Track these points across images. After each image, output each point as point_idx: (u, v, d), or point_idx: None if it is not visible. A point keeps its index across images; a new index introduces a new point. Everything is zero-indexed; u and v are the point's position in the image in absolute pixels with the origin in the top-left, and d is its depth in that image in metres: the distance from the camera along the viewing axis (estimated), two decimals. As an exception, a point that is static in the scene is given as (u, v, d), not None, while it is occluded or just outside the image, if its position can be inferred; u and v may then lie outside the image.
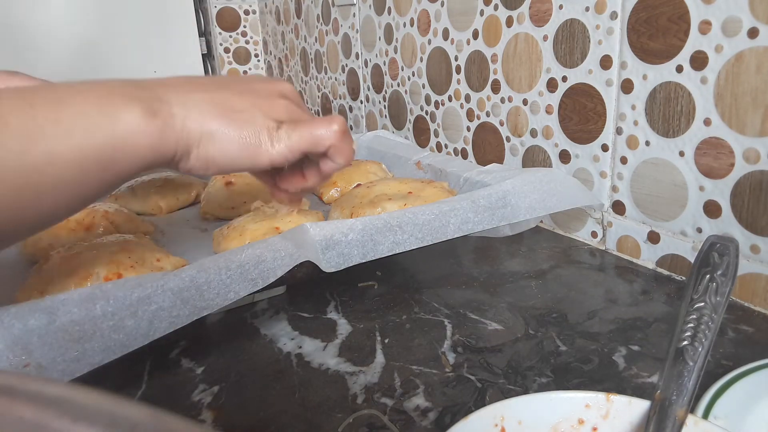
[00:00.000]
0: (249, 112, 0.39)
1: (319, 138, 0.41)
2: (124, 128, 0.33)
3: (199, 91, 0.38)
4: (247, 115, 0.38)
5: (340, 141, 0.41)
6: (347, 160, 0.43)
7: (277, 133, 0.39)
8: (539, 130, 0.66)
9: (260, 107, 0.39)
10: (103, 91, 0.34)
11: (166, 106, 0.36)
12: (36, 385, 0.12)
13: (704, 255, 0.29)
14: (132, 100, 0.34)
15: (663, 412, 0.25)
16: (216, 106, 0.38)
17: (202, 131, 0.37)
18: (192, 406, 0.38)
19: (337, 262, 0.45)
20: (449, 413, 0.36)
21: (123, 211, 0.64)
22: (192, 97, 0.37)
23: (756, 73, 0.43)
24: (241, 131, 0.38)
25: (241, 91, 0.40)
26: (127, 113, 0.33)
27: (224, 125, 0.37)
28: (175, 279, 0.40)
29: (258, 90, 0.41)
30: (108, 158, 0.33)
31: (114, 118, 0.33)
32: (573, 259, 0.58)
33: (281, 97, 0.42)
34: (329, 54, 1.16)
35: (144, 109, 0.34)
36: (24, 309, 0.35)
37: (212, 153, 0.37)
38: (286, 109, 0.41)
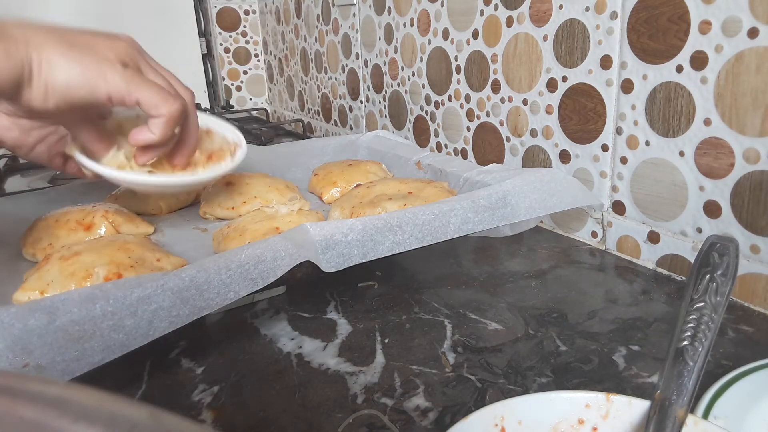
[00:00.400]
0: (92, 46, 0.41)
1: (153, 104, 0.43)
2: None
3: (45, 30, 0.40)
4: (89, 47, 0.40)
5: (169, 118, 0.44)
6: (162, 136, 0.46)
7: (123, 71, 0.41)
8: (539, 130, 0.66)
9: (104, 43, 0.42)
10: None
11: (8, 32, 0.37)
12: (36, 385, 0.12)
13: (704, 255, 0.29)
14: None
15: (663, 412, 0.25)
16: (59, 36, 0.40)
17: (42, 56, 0.38)
18: (192, 406, 0.38)
19: (337, 262, 0.45)
20: (449, 413, 0.36)
21: (123, 211, 0.64)
22: (34, 28, 0.39)
23: (756, 73, 0.43)
24: (81, 58, 0.39)
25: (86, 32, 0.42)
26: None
27: (64, 51, 0.39)
28: (174, 279, 0.40)
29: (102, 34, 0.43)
30: None
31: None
32: (573, 259, 0.58)
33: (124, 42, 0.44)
34: (329, 54, 1.16)
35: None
36: (24, 309, 0.35)
37: (51, 78, 0.38)
38: (129, 53, 0.43)
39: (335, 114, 1.20)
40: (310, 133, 1.34)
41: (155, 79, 0.45)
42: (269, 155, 0.85)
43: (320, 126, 1.29)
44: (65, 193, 0.73)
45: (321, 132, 1.28)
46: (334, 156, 0.87)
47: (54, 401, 0.11)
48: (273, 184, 0.70)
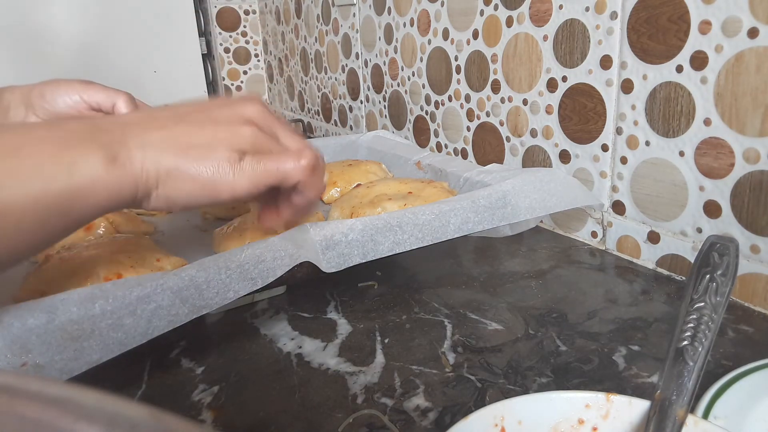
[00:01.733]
0: (208, 147, 0.37)
1: (285, 173, 0.39)
2: (81, 177, 0.33)
3: (158, 129, 0.37)
4: (206, 150, 0.37)
5: (309, 176, 0.40)
6: (318, 194, 0.42)
7: (239, 164, 0.37)
8: (539, 130, 0.66)
9: (221, 139, 0.38)
10: (61, 138, 0.33)
11: (125, 149, 0.35)
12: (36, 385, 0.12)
13: (704, 255, 0.29)
14: (90, 147, 0.33)
15: (663, 412, 0.25)
16: (174, 143, 0.36)
17: (159, 172, 0.36)
18: (192, 406, 0.38)
19: (337, 263, 0.45)
20: (449, 413, 0.36)
21: (123, 211, 0.64)
22: (150, 135, 0.36)
23: (756, 73, 0.43)
24: (198, 167, 0.36)
25: (202, 121, 0.38)
26: (84, 162, 0.33)
27: (182, 163, 0.36)
28: (174, 278, 0.40)
29: (219, 118, 0.39)
30: (66, 207, 0.32)
31: (71, 168, 0.32)
32: (573, 259, 0.58)
33: (246, 123, 0.39)
34: (329, 54, 1.16)
35: (102, 156, 0.33)
36: (23, 308, 0.35)
37: (171, 193, 0.36)
38: (250, 138, 0.39)
39: (335, 114, 1.20)
40: (310, 133, 1.34)
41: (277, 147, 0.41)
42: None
43: (320, 126, 1.29)
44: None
45: (321, 132, 1.28)
46: (334, 156, 0.87)
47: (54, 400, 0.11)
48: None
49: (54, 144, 0.33)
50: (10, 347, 0.34)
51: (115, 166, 0.34)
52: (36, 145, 0.32)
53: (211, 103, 0.40)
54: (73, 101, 0.52)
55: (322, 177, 0.41)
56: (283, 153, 0.40)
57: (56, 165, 0.32)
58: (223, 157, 0.37)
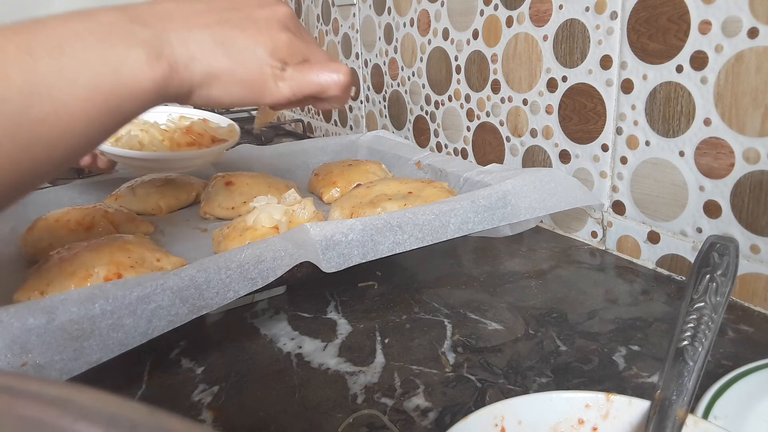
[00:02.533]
0: (252, 51, 0.38)
1: (324, 86, 0.41)
2: (128, 75, 0.33)
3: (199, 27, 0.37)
4: (251, 55, 0.38)
5: (343, 92, 0.41)
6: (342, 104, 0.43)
7: (282, 73, 0.39)
8: (539, 130, 0.66)
9: (263, 44, 0.39)
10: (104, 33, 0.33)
11: (169, 47, 0.35)
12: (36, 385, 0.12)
13: (704, 255, 0.29)
14: (134, 43, 0.33)
15: (663, 412, 0.25)
16: (219, 45, 0.37)
17: (205, 73, 0.36)
18: (192, 406, 0.38)
19: (337, 263, 0.45)
20: (449, 413, 0.36)
21: (123, 211, 0.64)
22: (193, 34, 0.36)
23: (756, 73, 0.44)
24: (245, 72, 0.38)
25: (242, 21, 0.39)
26: (130, 58, 0.33)
27: (229, 67, 0.37)
28: (174, 278, 0.40)
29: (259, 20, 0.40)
30: (115, 105, 0.33)
31: (118, 65, 0.32)
32: (573, 259, 0.58)
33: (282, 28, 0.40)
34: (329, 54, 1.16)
35: (147, 53, 0.34)
36: (23, 308, 0.35)
37: (216, 94, 0.37)
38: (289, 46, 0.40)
39: (335, 114, 1.20)
40: (310, 133, 1.34)
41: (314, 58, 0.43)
42: (269, 155, 0.85)
43: (320, 126, 1.29)
44: (65, 193, 0.73)
45: (321, 132, 1.28)
46: (334, 156, 0.87)
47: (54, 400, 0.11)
48: (273, 184, 0.70)
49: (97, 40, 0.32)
50: (10, 347, 0.34)
51: (160, 62, 0.34)
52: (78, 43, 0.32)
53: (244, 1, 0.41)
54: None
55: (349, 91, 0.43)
56: (322, 65, 0.41)
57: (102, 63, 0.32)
58: (267, 63, 0.38)
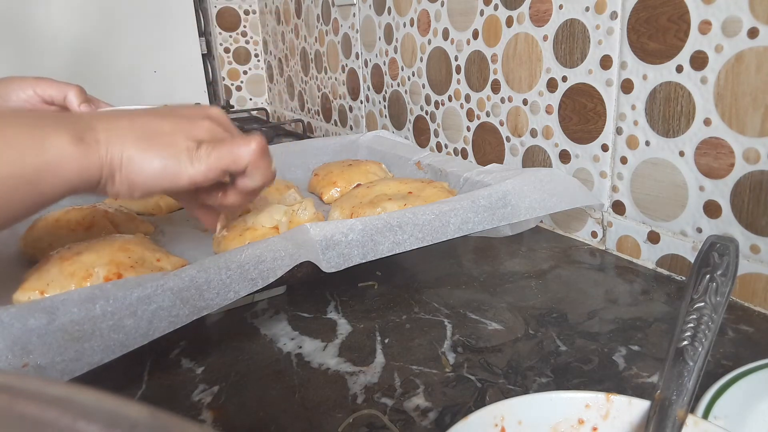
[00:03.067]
0: (169, 135, 0.40)
1: (237, 156, 0.42)
2: (50, 152, 0.35)
3: (125, 118, 0.40)
4: (168, 138, 0.40)
5: (258, 159, 0.43)
6: (265, 179, 0.45)
7: (196, 152, 0.41)
8: (539, 130, 0.66)
9: (182, 128, 0.41)
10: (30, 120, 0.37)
11: (92, 132, 0.38)
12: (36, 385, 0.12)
13: (704, 255, 0.29)
14: (60, 127, 0.36)
15: (663, 412, 0.25)
16: (138, 130, 0.40)
17: (123, 155, 0.38)
18: (192, 406, 0.38)
19: (337, 263, 0.45)
20: (449, 413, 0.36)
21: (123, 211, 0.64)
22: (117, 123, 0.39)
23: (756, 73, 0.44)
24: (159, 152, 0.40)
25: (166, 114, 0.42)
26: (55, 138, 0.36)
27: (144, 148, 0.39)
28: (174, 279, 0.40)
29: (182, 113, 0.43)
30: (34, 180, 0.35)
31: (41, 142, 0.35)
32: (573, 259, 0.58)
33: (206, 118, 0.43)
34: (329, 54, 1.16)
35: (71, 136, 0.36)
36: (23, 309, 0.35)
37: (133, 176, 0.39)
38: (208, 130, 0.42)
39: (335, 114, 1.20)
40: (310, 133, 1.34)
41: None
42: (269, 155, 0.85)
43: (320, 126, 1.29)
44: (65, 193, 0.73)
45: (321, 132, 1.28)
46: (334, 156, 0.87)
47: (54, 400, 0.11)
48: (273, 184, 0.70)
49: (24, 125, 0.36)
50: (11, 348, 0.34)
51: (83, 144, 0.37)
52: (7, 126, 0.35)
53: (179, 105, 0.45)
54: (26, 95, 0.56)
55: (270, 163, 0.45)
56: (234, 139, 0.43)
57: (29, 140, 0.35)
58: (182, 144, 0.40)
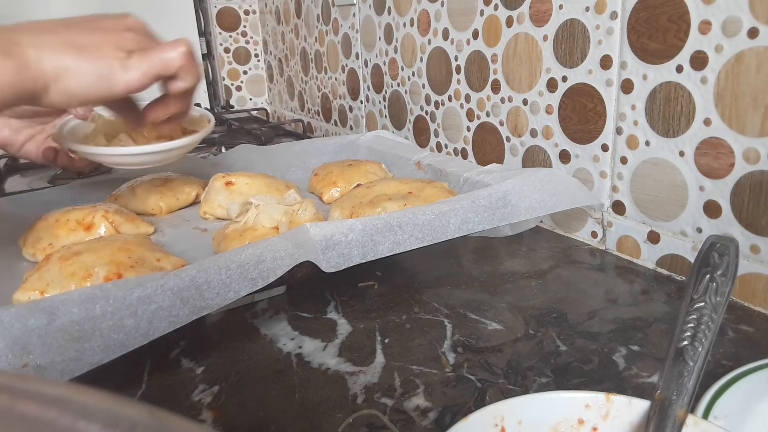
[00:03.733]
0: (99, 46, 0.42)
1: (168, 60, 0.45)
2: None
3: (49, 32, 0.41)
4: (98, 49, 0.42)
5: (187, 61, 0.46)
6: (195, 78, 0.47)
7: (128, 61, 0.43)
8: (539, 130, 0.66)
9: (108, 40, 0.43)
10: None
11: (19, 47, 0.39)
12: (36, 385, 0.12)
13: (704, 255, 0.29)
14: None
15: (663, 412, 0.25)
16: (67, 44, 0.41)
17: (56, 67, 0.40)
18: (192, 406, 0.38)
19: (337, 263, 0.45)
20: (449, 413, 0.36)
21: (123, 211, 0.64)
22: (43, 38, 0.40)
23: (756, 73, 0.43)
24: (93, 62, 0.41)
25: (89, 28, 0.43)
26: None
27: (77, 59, 0.41)
28: (174, 279, 0.40)
29: (105, 26, 0.44)
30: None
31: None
32: (573, 259, 0.58)
33: (128, 30, 0.45)
34: (329, 54, 1.16)
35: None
36: (24, 309, 0.35)
37: (69, 86, 0.41)
38: (134, 40, 0.44)
39: (335, 114, 1.20)
40: (310, 133, 1.34)
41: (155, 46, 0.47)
42: (269, 155, 0.85)
43: (320, 126, 1.29)
44: (65, 193, 0.73)
45: (321, 132, 1.28)
46: (334, 156, 0.87)
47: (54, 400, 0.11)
48: (273, 184, 0.70)
49: None
50: (11, 348, 0.34)
51: (11, 59, 0.38)
52: None
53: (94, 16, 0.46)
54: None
55: (197, 64, 0.47)
56: (162, 45, 0.46)
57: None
58: (113, 55, 0.42)
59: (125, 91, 0.43)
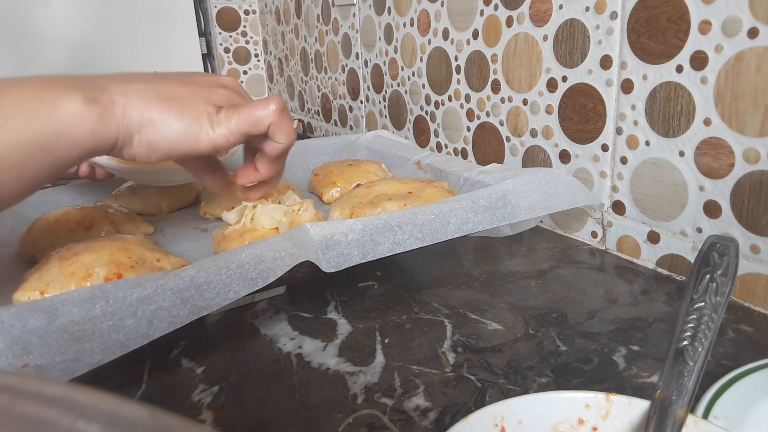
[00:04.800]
0: (188, 99, 0.40)
1: (258, 118, 0.42)
2: (63, 114, 0.34)
3: (139, 82, 0.39)
4: (187, 102, 0.40)
5: (279, 119, 0.43)
6: (289, 138, 0.45)
7: (216, 117, 0.41)
8: (539, 130, 0.66)
9: (199, 94, 0.41)
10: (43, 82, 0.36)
11: (107, 94, 0.37)
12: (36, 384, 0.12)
13: (704, 255, 0.29)
14: (71, 89, 0.35)
15: (663, 412, 0.25)
16: (156, 93, 0.39)
17: (142, 117, 0.38)
18: (192, 406, 0.38)
19: (337, 263, 0.45)
20: (449, 413, 0.36)
21: (123, 211, 0.64)
22: (132, 86, 0.39)
23: (756, 73, 0.43)
24: (181, 116, 0.39)
25: (182, 81, 0.41)
26: (66, 100, 0.35)
27: (164, 111, 0.39)
28: (174, 279, 0.40)
29: (198, 81, 0.43)
30: (49, 143, 0.34)
31: (53, 105, 0.34)
32: (573, 259, 0.58)
33: (221, 86, 0.43)
34: (329, 54, 1.16)
35: (84, 97, 0.35)
36: (24, 309, 0.35)
37: (154, 138, 0.39)
38: (225, 96, 0.43)
39: (335, 114, 1.20)
40: (310, 133, 1.34)
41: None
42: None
43: (320, 126, 1.29)
44: (65, 193, 0.73)
45: (321, 132, 1.28)
46: (334, 156, 0.87)
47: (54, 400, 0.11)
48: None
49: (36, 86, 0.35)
50: (11, 348, 0.34)
51: (96, 105, 0.36)
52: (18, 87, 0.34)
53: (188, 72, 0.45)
54: None
55: (291, 122, 0.45)
56: (253, 102, 0.44)
57: (38, 102, 0.34)
58: (203, 109, 0.41)
59: (210, 147, 0.41)
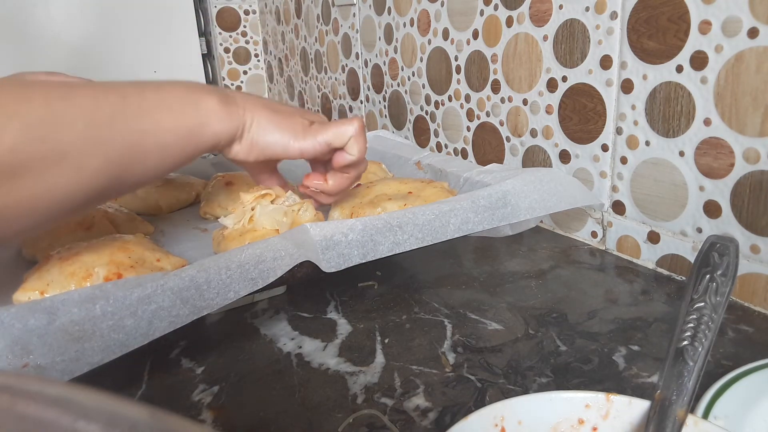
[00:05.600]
0: (289, 113, 0.51)
1: (343, 132, 0.51)
2: (205, 110, 0.45)
3: (253, 97, 0.50)
4: (288, 115, 0.51)
5: (359, 135, 0.52)
6: (361, 152, 0.52)
7: (309, 128, 0.51)
8: (539, 130, 0.66)
9: (298, 112, 0.52)
10: (185, 84, 0.46)
11: (232, 98, 0.48)
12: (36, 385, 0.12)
13: (704, 255, 0.29)
14: (209, 91, 0.46)
15: (663, 412, 0.25)
16: (266, 105, 0.50)
17: (254, 119, 0.48)
18: (192, 406, 0.38)
19: (337, 263, 0.45)
20: (449, 413, 0.36)
21: (123, 211, 0.64)
22: (249, 97, 0.50)
23: (756, 73, 0.44)
24: (282, 123, 0.50)
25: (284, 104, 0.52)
26: (207, 100, 0.45)
27: (271, 116, 0.49)
28: (175, 279, 0.40)
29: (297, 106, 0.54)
30: (195, 131, 0.44)
31: (198, 101, 0.45)
32: (573, 259, 0.58)
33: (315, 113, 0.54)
34: (329, 54, 1.16)
35: (219, 98, 0.46)
36: (24, 309, 0.35)
37: (257, 136, 0.49)
38: (316, 117, 0.53)
39: (335, 114, 1.20)
40: (310, 133, 1.33)
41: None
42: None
43: (320, 126, 1.28)
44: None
45: (321, 132, 1.28)
46: (334, 156, 0.87)
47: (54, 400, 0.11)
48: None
49: (182, 88, 0.45)
50: (11, 348, 0.34)
51: (228, 106, 0.47)
52: (170, 87, 0.44)
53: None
54: None
55: (366, 140, 0.53)
56: (339, 120, 0.53)
57: (188, 99, 0.44)
58: (300, 121, 0.51)
59: (298, 153, 0.50)
